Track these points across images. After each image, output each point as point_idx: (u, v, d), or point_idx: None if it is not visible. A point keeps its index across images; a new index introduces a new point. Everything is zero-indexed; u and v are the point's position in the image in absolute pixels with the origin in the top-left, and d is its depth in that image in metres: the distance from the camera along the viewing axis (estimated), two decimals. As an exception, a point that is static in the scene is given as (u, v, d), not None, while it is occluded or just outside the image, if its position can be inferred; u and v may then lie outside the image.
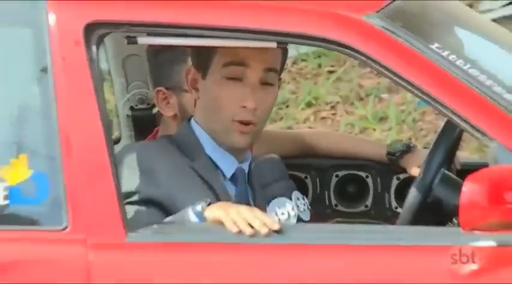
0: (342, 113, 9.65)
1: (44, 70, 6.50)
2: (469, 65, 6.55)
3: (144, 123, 7.96)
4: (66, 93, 6.65)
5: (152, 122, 7.83)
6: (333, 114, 9.94)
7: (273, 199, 7.15)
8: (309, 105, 10.00)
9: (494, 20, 9.91)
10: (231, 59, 6.88)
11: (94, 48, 6.61)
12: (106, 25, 6.74)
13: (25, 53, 6.80)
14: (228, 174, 6.95)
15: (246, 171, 7.08)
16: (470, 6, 9.39)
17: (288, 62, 10.19)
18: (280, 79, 7.00)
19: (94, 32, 6.70)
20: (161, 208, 6.72)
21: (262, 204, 7.04)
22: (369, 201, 8.26)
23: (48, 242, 6.63)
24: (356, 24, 6.76)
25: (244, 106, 6.77)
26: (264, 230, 6.32)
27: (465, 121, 6.42)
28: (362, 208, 8.26)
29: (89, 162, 6.58)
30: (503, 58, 7.32)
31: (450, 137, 7.22)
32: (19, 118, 6.81)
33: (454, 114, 6.47)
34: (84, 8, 6.77)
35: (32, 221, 6.62)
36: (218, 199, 6.89)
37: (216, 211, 6.45)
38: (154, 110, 7.85)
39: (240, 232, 6.43)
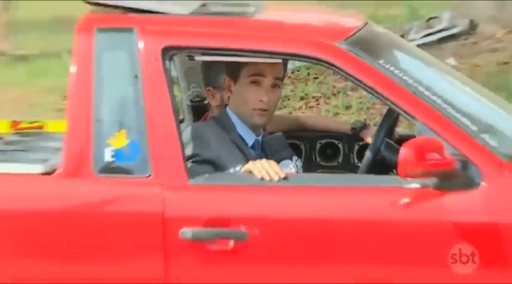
0: (322, 104, 10.50)
1: (136, 76, 6.97)
2: (403, 73, 7.11)
3: (198, 110, 8.35)
4: (150, 90, 7.06)
5: (204, 109, 8.21)
6: (317, 104, 10.75)
7: (280, 162, 7.44)
8: (302, 98, 10.87)
9: (417, 46, 10.08)
10: (253, 71, 7.51)
11: (167, 63, 7.07)
12: (175, 49, 7.20)
13: (125, 65, 7.13)
14: (250, 143, 7.58)
15: (260, 142, 7.68)
16: (402, 36, 9.79)
17: (288, 71, 10.74)
18: (282, 83, 7.95)
19: (167, 53, 7.10)
20: (212, 165, 7.18)
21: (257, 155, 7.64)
22: (339, 159, 8.56)
23: (139, 184, 7.00)
24: (331, 48, 7.20)
25: (261, 101, 7.49)
26: (276, 177, 6.84)
27: (401, 109, 6.99)
28: (335, 163, 8.56)
29: (164, 134, 6.99)
30: (425, 69, 8.02)
31: (391, 119, 7.69)
32: (121, 106, 7.13)
33: (394, 104, 6.99)
34: (160, 38, 7.17)
35: (129, 172, 6.96)
36: (246, 159, 7.30)
37: (248, 165, 6.98)
38: (205, 102, 8.27)
39: (262, 178, 6.89)
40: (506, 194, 6.84)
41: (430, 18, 12.37)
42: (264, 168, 6.93)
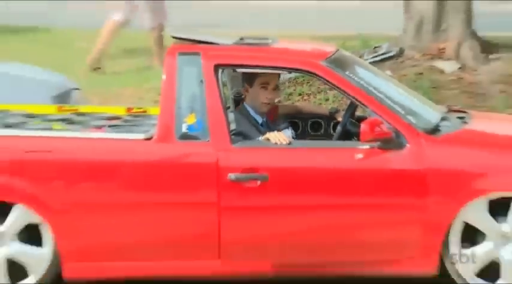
0: (312, 98, 10.18)
1: (201, 81, 7.26)
2: (360, 80, 7.42)
3: (238, 101, 8.25)
4: (209, 89, 7.21)
5: (242, 101, 8.08)
6: (308, 98, 10.29)
7: (281, 131, 7.63)
8: (299, 94, 10.27)
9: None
10: (263, 81, 7.83)
11: (219, 72, 7.44)
12: (222, 65, 7.51)
13: (194, 74, 7.26)
14: (260, 122, 7.83)
15: (266, 121, 7.82)
16: (360, 56, 9.90)
17: (292, 78, 10.81)
18: (279, 87, 8.12)
19: (218, 68, 7.39)
20: (242, 136, 7.38)
21: (270, 128, 7.71)
22: (322, 131, 8.51)
23: (202, 146, 7.18)
24: (316, 65, 7.50)
25: (267, 98, 7.82)
26: (284, 142, 7.30)
27: (359, 101, 7.38)
28: (319, 133, 8.48)
29: (217, 116, 7.19)
30: (374, 77, 7.98)
31: (352, 107, 7.95)
32: (192, 98, 7.30)
33: (355, 99, 7.38)
34: (214, 58, 7.37)
35: (196, 138, 7.23)
36: (260, 132, 7.61)
37: (266, 135, 7.41)
38: (242, 96, 8.06)
39: (276, 143, 7.29)
40: (421, 151, 7.20)
41: (376, 47, 12.22)
42: (276, 137, 7.38)
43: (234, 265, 7.18)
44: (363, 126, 7.08)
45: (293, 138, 7.81)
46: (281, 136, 7.37)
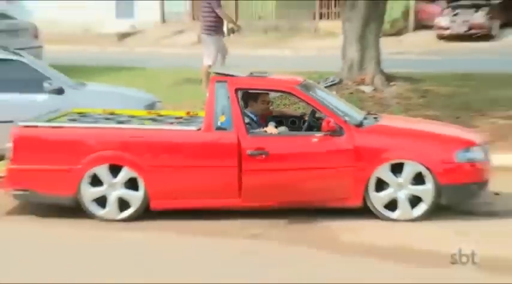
0: (290, 106, 9.56)
1: (228, 97, 6.96)
2: (320, 97, 7.08)
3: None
4: (232, 103, 6.90)
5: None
6: (288, 106, 9.38)
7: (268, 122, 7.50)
8: (283, 104, 9.45)
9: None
10: (263, 99, 7.58)
11: (239, 94, 7.13)
12: (240, 89, 7.16)
13: (224, 94, 6.95)
14: (255, 119, 7.33)
15: (258, 119, 7.36)
16: (318, 83, 9.37)
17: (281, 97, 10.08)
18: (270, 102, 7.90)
19: (237, 90, 7.11)
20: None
21: (266, 125, 7.36)
22: (296, 125, 7.66)
23: (229, 134, 6.86)
24: (293, 88, 7.25)
25: (264, 109, 7.50)
26: (275, 132, 7.12)
27: (318, 109, 7.08)
28: (295, 127, 7.62)
29: (237, 117, 6.88)
30: (327, 95, 7.63)
31: (314, 111, 7.42)
32: (223, 107, 6.94)
33: (316, 108, 7.08)
34: (234, 84, 7.06)
35: (225, 129, 6.88)
36: (258, 126, 7.27)
37: (265, 128, 7.16)
38: None
39: (270, 133, 7.10)
40: (352, 137, 6.95)
41: (326, 78, 11.80)
42: (271, 129, 7.24)
43: (248, 202, 6.95)
44: (323, 123, 6.93)
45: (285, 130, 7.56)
46: (273, 130, 7.24)
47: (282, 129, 7.47)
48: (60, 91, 8.71)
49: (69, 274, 5.62)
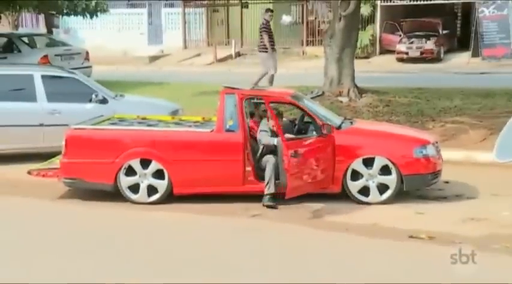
0: (287, 115, 9.37)
1: (235, 106, 6.66)
2: (308, 106, 6.82)
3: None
4: (239, 110, 6.69)
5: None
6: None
7: None
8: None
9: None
10: (264, 108, 7.13)
11: (244, 101, 6.86)
12: (246, 98, 6.91)
13: (233, 103, 6.71)
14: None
15: None
16: (306, 94, 9.07)
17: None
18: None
19: (244, 98, 6.85)
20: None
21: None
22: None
23: (236, 135, 6.63)
24: (286, 98, 7.01)
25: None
26: (272, 142, 6.72)
27: (307, 115, 6.85)
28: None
29: (243, 122, 6.64)
30: (313, 105, 7.31)
31: (303, 116, 7.25)
32: (231, 113, 6.71)
33: (305, 113, 6.86)
34: (242, 95, 6.82)
35: (232, 131, 6.63)
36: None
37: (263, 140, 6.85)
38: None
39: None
40: (333, 137, 6.72)
41: (312, 91, 11.59)
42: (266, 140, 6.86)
43: (250, 189, 6.75)
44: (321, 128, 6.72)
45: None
46: (270, 140, 6.80)
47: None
48: (104, 101, 8.66)
49: (108, 244, 5.54)
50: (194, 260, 5.26)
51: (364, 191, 6.82)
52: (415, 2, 21.59)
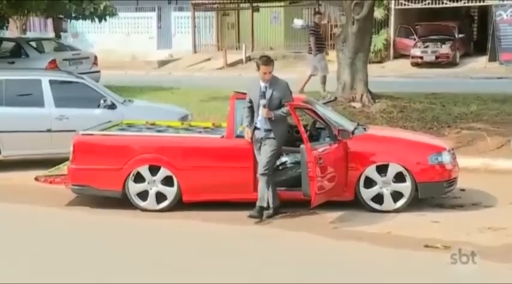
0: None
1: (244, 108, 6.54)
2: (321, 111, 6.70)
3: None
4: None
5: None
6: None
7: None
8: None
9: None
10: None
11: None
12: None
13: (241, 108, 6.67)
14: None
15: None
16: (318, 100, 8.92)
17: None
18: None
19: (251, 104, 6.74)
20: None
21: None
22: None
23: (244, 140, 6.54)
24: (300, 104, 6.79)
25: None
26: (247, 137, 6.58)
27: (319, 121, 6.76)
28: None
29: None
30: (326, 110, 7.25)
31: (315, 122, 7.21)
32: (241, 119, 6.66)
33: (318, 119, 6.77)
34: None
35: (243, 137, 6.54)
36: None
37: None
38: None
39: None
40: (348, 144, 6.71)
41: (324, 97, 11.92)
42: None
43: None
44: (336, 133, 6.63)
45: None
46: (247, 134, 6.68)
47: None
48: (112, 106, 8.67)
49: (113, 251, 5.54)
50: (202, 270, 5.22)
51: (378, 199, 6.76)
52: (430, 6, 21.43)
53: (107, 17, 17.48)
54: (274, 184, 6.58)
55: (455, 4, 21.62)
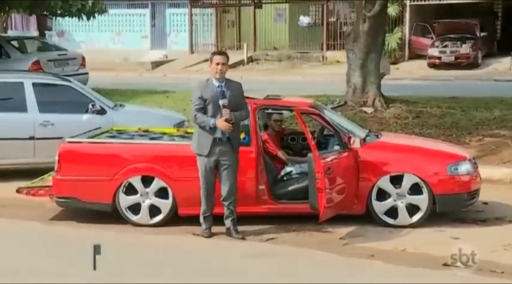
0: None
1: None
2: (328, 117, 6.75)
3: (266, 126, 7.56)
4: (253, 120, 6.62)
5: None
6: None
7: None
8: (296, 123, 9.21)
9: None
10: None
11: (259, 112, 6.80)
12: (260, 108, 6.84)
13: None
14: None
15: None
16: (326, 105, 9.15)
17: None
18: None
19: (258, 109, 6.78)
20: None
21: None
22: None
23: (250, 149, 6.56)
24: (307, 109, 6.88)
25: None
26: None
27: (327, 127, 6.80)
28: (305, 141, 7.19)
29: (257, 134, 6.63)
30: (335, 116, 7.36)
31: (323, 128, 7.28)
32: (244, 127, 6.61)
33: (327, 125, 6.79)
34: (257, 105, 6.75)
35: (247, 145, 6.58)
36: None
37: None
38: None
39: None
40: (358, 152, 6.69)
41: (333, 100, 11.96)
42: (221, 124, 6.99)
43: (265, 209, 6.66)
44: (353, 140, 6.61)
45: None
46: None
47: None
48: (102, 112, 8.68)
49: (103, 272, 5.31)
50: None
51: (392, 212, 6.72)
52: (449, 1, 21.67)
53: (96, 14, 17.38)
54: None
55: (476, 0, 21.88)
